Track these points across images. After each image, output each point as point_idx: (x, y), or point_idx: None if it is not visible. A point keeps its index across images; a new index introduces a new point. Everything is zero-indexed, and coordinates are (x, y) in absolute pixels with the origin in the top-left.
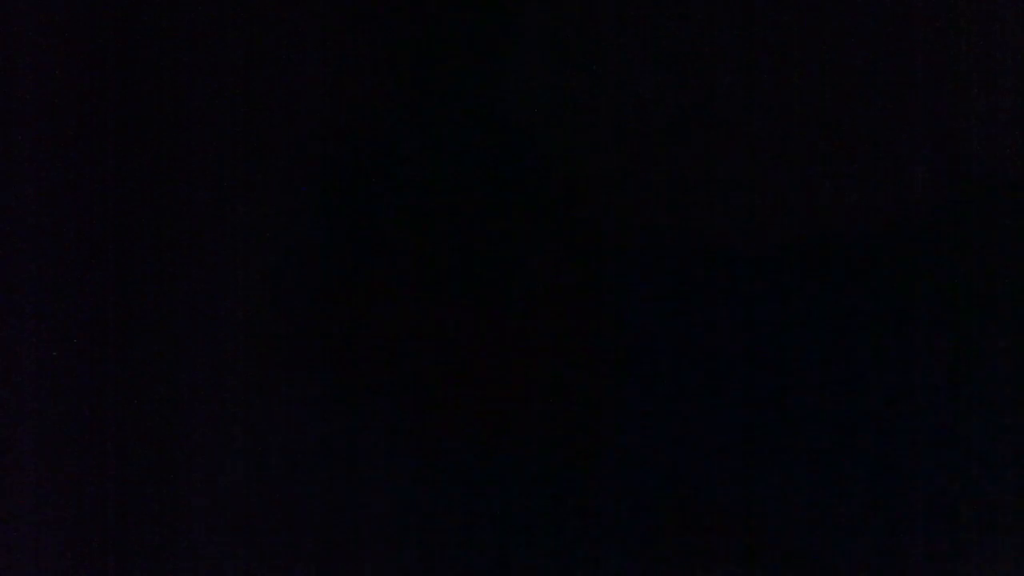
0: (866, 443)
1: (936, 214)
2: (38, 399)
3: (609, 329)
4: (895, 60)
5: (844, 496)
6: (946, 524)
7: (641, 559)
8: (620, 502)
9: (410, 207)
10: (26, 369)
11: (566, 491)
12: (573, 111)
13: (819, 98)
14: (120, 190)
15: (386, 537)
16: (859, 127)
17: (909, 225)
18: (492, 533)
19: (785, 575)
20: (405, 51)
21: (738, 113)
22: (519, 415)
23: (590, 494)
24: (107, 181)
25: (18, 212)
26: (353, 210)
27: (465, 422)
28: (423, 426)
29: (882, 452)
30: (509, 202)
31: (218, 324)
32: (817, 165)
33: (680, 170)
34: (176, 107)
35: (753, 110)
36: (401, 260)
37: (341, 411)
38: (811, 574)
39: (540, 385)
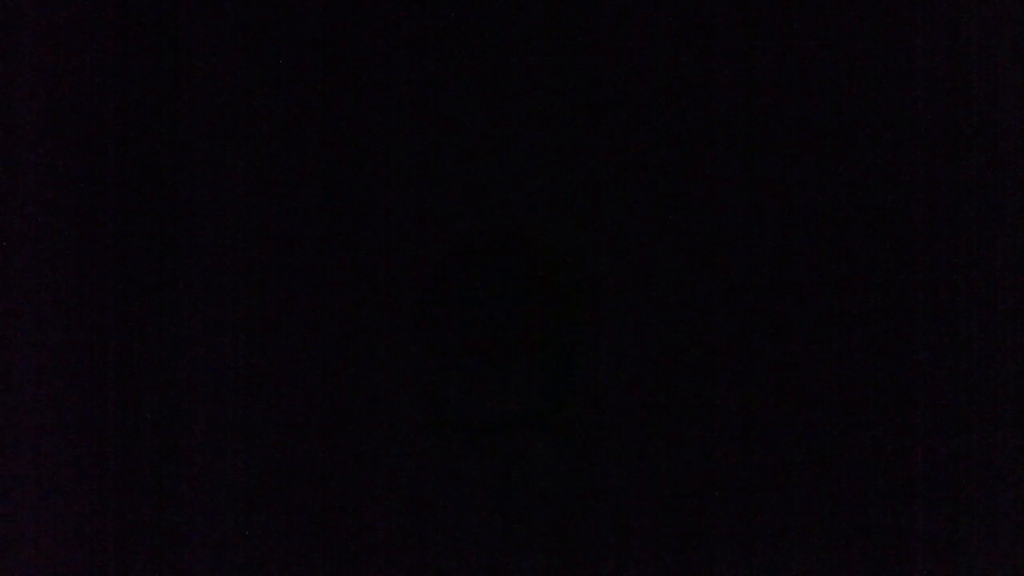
0: (866, 443)
1: (937, 214)
2: (38, 399)
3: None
4: (895, 60)
5: (843, 495)
6: (946, 524)
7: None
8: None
9: (407, 206)
10: (26, 369)
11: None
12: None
13: (819, 98)
14: (120, 190)
15: (386, 537)
16: (859, 127)
17: (909, 225)
18: (490, 533)
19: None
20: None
21: (737, 113)
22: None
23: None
24: (107, 181)
25: (18, 212)
26: (352, 210)
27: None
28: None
29: (882, 452)
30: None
31: (218, 324)
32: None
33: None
34: (176, 107)
35: (752, 110)
36: (398, 259)
37: (340, 410)
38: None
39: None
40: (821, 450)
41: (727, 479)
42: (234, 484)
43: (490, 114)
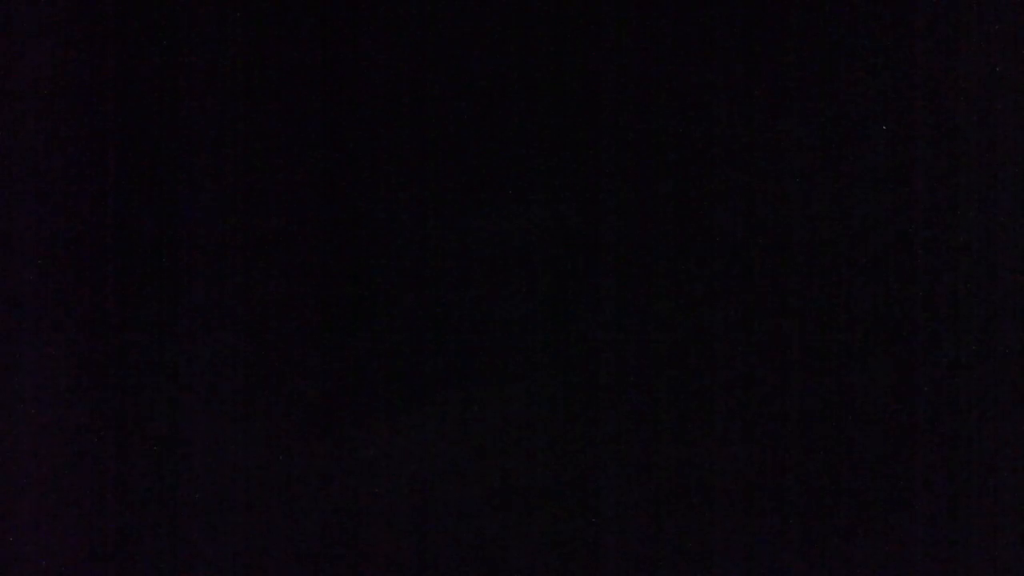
0: (866, 443)
1: (936, 214)
2: (38, 399)
3: (606, 328)
4: (895, 60)
5: (843, 496)
6: (946, 524)
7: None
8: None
9: (408, 206)
10: (26, 369)
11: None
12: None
13: (819, 98)
14: (120, 190)
15: (386, 537)
16: (859, 127)
17: (907, 225)
18: (492, 533)
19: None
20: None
21: (738, 114)
22: (519, 415)
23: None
24: (107, 181)
25: (18, 212)
26: (353, 209)
27: (465, 422)
28: (423, 425)
29: (882, 452)
30: (508, 201)
31: (217, 325)
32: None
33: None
34: (176, 107)
35: (753, 110)
36: (400, 259)
37: (340, 410)
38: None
39: (540, 385)
40: (821, 451)
41: (727, 479)
42: (234, 484)
43: (489, 115)
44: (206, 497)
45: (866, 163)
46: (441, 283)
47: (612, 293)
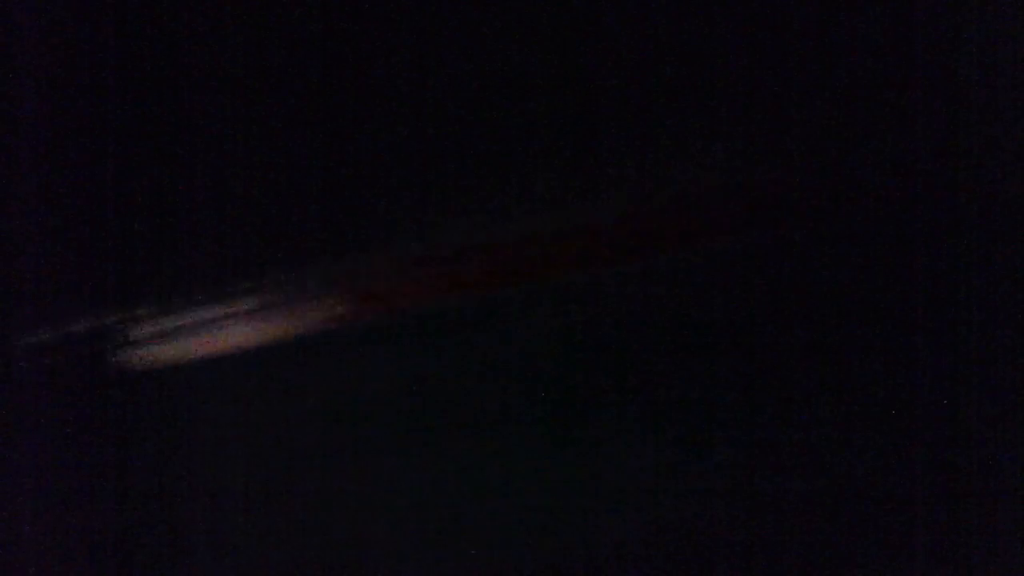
0: (866, 443)
1: (936, 212)
2: (38, 400)
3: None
4: (895, 58)
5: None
6: (946, 524)
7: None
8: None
9: (410, 197)
10: (26, 371)
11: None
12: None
13: (819, 96)
14: (120, 190)
15: (386, 537)
16: (859, 125)
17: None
18: (493, 532)
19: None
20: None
21: (738, 112)
22: (519, 414)
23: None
24: (107, 181)
25: (18, 212)
26: (352, 202)
27: (466, 421)
28: (425, 426)
29: (881, 452)
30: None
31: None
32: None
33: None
34: (176, 106)
35: (753, 108)
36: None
37: (341, 411)
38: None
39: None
40: (821, 451)
41: (727, 478)
42: (234, 485)
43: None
44: (206, 497)
45: (866, 162)
46: (441, 281)
47: (612, 292)
